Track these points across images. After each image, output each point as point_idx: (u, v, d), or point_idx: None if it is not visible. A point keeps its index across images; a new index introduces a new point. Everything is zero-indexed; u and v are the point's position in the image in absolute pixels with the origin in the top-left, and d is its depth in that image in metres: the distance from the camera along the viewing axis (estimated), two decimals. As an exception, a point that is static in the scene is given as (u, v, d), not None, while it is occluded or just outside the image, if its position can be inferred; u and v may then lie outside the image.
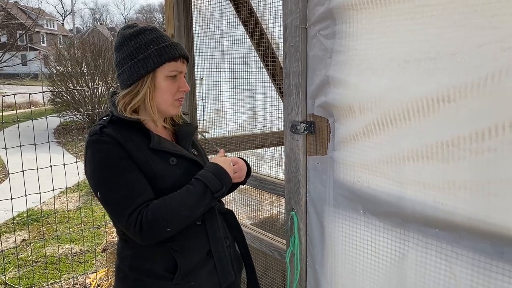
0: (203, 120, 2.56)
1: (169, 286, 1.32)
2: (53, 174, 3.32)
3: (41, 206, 4.97)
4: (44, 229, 4.89)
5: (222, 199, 1.52)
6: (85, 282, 3.65)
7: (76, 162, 3.65)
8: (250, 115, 2.51)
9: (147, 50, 1.31)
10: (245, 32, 2.43)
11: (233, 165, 1.42)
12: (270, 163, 2.41)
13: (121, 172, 1.25)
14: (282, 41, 1.52)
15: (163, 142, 1.35)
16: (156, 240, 1.27)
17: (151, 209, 1.23)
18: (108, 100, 1.40)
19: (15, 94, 3.50)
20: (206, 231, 1.39)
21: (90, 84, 11.72)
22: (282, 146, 1.63)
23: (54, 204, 4.85)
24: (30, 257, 4.12)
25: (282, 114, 1.57)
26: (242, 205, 2.44)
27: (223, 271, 1.40)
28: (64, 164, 3.36)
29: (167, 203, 1.25)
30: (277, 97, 2.45)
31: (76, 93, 11.57)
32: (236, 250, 1.52)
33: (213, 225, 1.40)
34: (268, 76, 2.54)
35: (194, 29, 2.42)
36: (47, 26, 41.95)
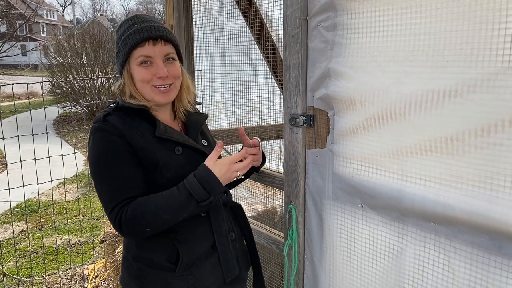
0: (202, 112, 2.54)
1: (171, 277, 1.30)
2: (52, 165, 3.32)
3: (39, 197, 4.98)
4: (43, 220, 4.90)
5: (230, 190, 1.51)
6: (83, 273, 3.67)
7: (75, 153, 3.64)
8: (250, 107, 2.50)
9: (119, 43, 1.31)
10: (245, 23, 2.41)
11: (249, 154, 1.37)
12: (269, 156, 2.40)
13: (114, 165, 1.24)
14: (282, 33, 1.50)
15: (169, 131, 1.33)
16: (137, 237, 1.27)
17: (132, 208, 1.21)
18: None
19: (13, 84, 3.49)
20: (210, 223, 1.36)
21: (89, 75, 11.68)
22: (282, 139, 1.62)
23: (53, 195, 4.86)
24: (29, 247, 4.13)
25: (282, 107, 1.56)
26: (240, 198, 2.44)
27: (226, 265, 1.37)
28: (63, 155, 3.35)
29: (148, 204, 1.22)
30: (277, 89, 2.44)
31: (76, 84, 11.54)
32: (243, 245, 1.50)
33: (218, 217, 1.37)
34: (268, 69, 2.53)
35: (194, 20, 2.40)
36: (47, 16, 41.76)
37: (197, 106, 1.57)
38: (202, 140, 1.45)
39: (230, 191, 1.52)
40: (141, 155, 1.26)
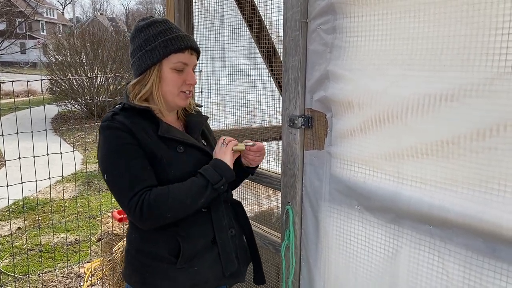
0: (203, 113, 2.55)
1: (173, 270, 1.37)
2: (50, 163, 3.31)
3: (37, 195, 4.97)
4: (40, 218, 4.90)
5: (232, 190, 1.58)
6: (79, 271, 3.67)
7: (73, 151, 3.64)
8: (249, 108, 2.51)
9: (154, 41, 1.35)
10: (245, 25, 2.42)
11: (251, 146, 1.49)
12: (267, 157, 2.41)
13: (127, 158, 1.30)
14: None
15: (171, 130, 1.39)
16: (156, 225, 1.32)
17: (153, 193, 1.28)
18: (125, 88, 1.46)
19: (12, 82, 3.49)
20: (211, 218, 1.43)
21: (88, 74, 11.67)
22: (280, 141, 1.63)
23: (50, 193, 4.85)
24: (25, 245, 4.13)
25: (280, 108, 1.57)
26: (238, 198, 2.44)
27: (226, 260, 1.44)
28: (61, 153, 3.35)
29: (169, 189, 1.30)
30: (276, 91, 2.45)
31: (75, 83, 11.53)
32: (243, 241, 1.56)
33: (218, 213, 1.45)
34: (268, 70, 2.54)
35: (194, 20, 2.42)
36: (47, 14, 41.71)
37: (199, 109, 1.65)
38: (202, 141, 1.52)
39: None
40: (147, 152, 1.33)
